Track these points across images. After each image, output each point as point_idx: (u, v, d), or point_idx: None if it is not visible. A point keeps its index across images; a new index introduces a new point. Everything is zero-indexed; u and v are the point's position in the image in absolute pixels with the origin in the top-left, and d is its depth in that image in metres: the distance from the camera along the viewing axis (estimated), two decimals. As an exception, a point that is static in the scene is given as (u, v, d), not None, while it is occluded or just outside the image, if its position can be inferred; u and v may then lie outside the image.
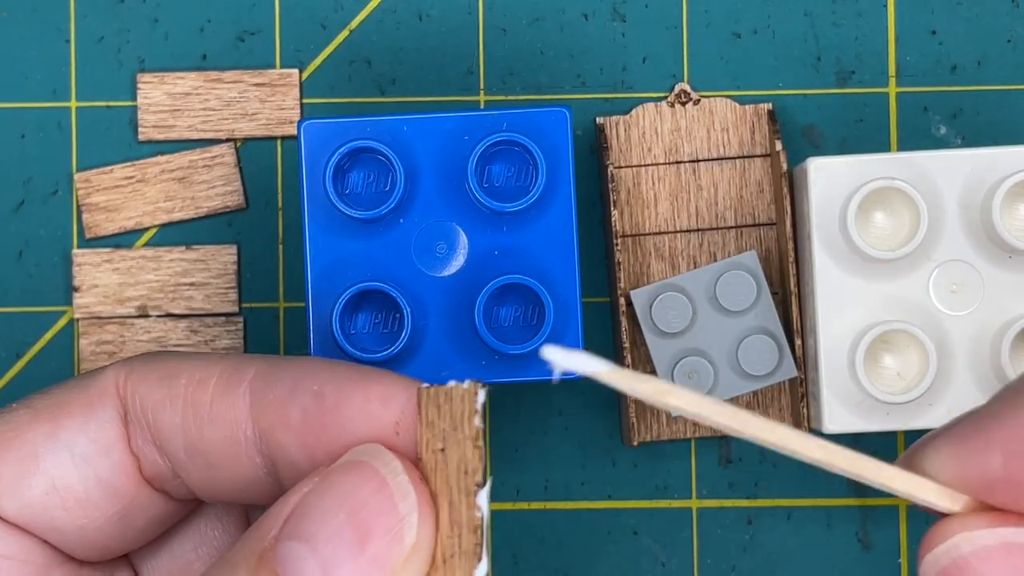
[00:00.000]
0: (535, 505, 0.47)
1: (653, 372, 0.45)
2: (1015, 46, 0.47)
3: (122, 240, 0.47)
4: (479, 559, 0.28)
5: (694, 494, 0.47)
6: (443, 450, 0.29)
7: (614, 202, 0.45)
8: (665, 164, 0.46)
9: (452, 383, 0.30)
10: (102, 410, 0.34)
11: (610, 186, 0.45)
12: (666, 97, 0.47)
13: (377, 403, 0.32)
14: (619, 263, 0.44)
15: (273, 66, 0.47)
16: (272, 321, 0.47)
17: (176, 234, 0.47)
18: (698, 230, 0.46)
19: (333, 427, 0.32)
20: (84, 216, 0.47)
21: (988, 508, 0.28)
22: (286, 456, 0.33)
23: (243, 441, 0.34)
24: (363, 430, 0.32)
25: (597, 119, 0.46)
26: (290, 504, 0.30)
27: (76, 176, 0.47)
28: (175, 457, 0.34)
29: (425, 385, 0.30)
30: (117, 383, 0.35)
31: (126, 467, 0.34)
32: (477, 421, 0.29)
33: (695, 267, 0.46)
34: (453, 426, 0.29)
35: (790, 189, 0.45)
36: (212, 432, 0.34)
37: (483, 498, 0.29)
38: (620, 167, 0.46)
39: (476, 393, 0.29)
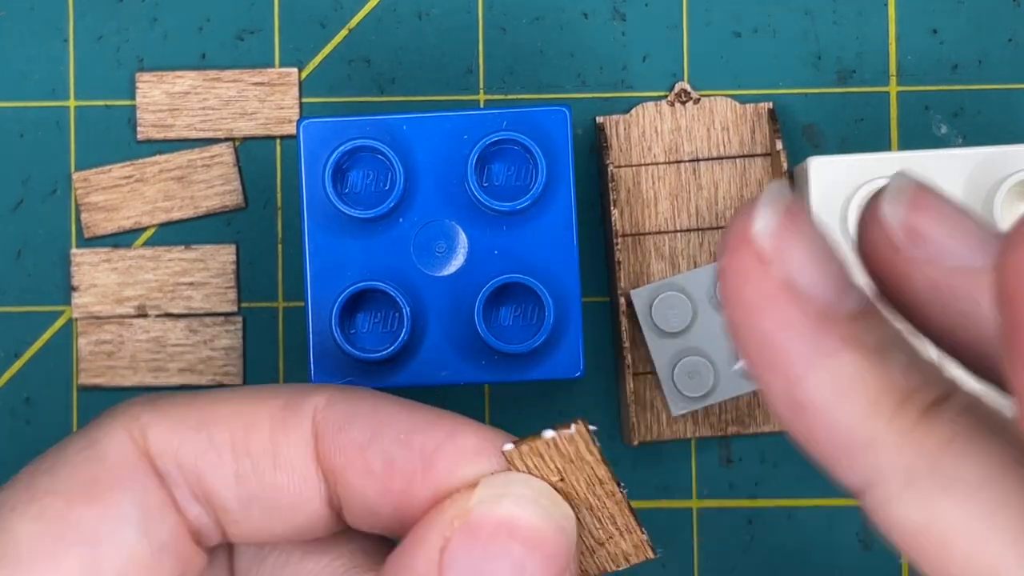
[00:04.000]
0: (535, 505, 0.47)
1: (653, 372, 0.45)
2: (1016, 45, 0.47)
3: (121, 240, 0.47)
4: (640, 526, 0.30)
5: (694, 494, 0.47)
6: (561, 479, 0.30)
7: (614, 201, 0.45)
8: (665, 163, 0.46)
9: (549, 434, 0.30)
10: (137, 477, 0.32)
11: (610, 185, 0.45)
12: (666, 96, 0.47)
13: (471, 457, 0.31)
14: (619, 263, 0.44)
15: (272, 65, 0.47)
16: (271, 321, 0.47)
17: (175, 233, 0.47)
18: (698, 229, 0.46)
19: (424, 479, 0.31)
20: (83, 215, 0.47)
21: None
22: (361, 499, 0.32)
23: (312, 483, 0.32)
24: (455, 482, 0.31)
25: (597, 118, 0.46)
26: (430, 549, 0.30)
27: (75, 175, 0.47)
28: (224, 508, 0.33)
29: (509, 447, 0.30)
30: (136, 443, 0.32)
31: (180, 528, 0.33)
32: (596, 451, 0.30)
33: (695, 266, 0.46)
34: (568, 460, 0.30)
35: (791, 189, 0.45)
36: (278, 478, 0.32)
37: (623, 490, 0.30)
38: (620, 166, 0.46)
39: (587, 430, 0.30)
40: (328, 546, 0.34)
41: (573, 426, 0.30)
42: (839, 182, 0.42)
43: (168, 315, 0.47)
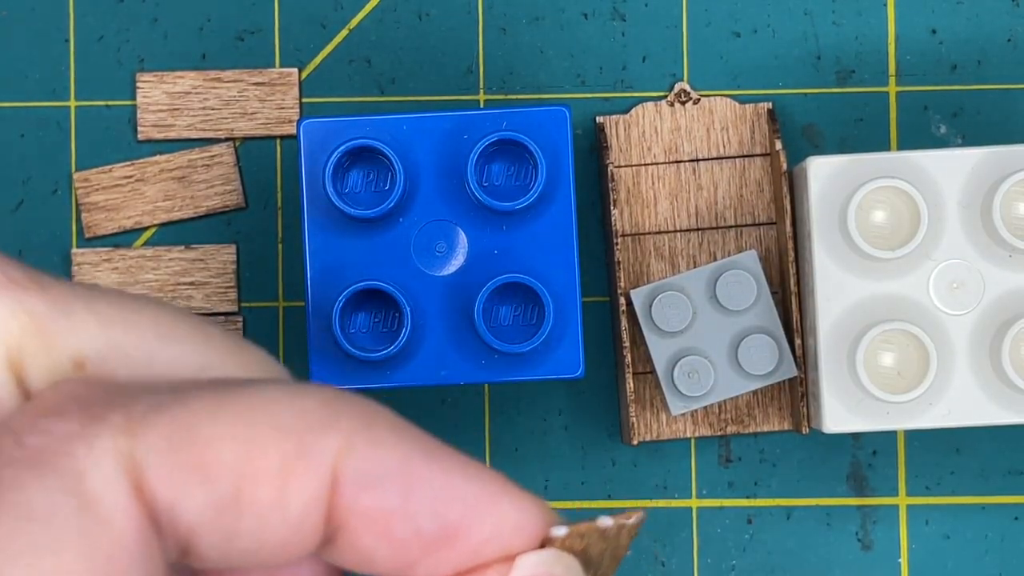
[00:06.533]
0: (535, 505, 0.47)
1: (653, 372, 0.45)
2: (1015, 45, 0.47)
3: (121, 240, 0.47)
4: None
5: (694, 494, 0.47)
6: (584, 549, 0.28)
7: (614, 201, 0.45)
8: (665, 163, 0.46)
9: (607, 522, 0.27)
10: (148, 552, 0.25)
11: (610, 185, 0.45)
12: (666, 96, 0.47)
13: (508, 535, 0.27)
14: (619, 262, 0.44)
15: (273, 65, 0.47)
16: (271, 320, 0.47)
17: (175, 233, 0.47)
18: (698, 229, 0.46)
19: (449, 552, 0.27)
20: (83, 216, 0.47)
21: None
22: (363, 555, 0.28)
23: (311, 535, 0.27)
24: (487, 554, 0.27)
25: (597, 118, 0.46)
26: None
27: (75, 175, 0.47)
28: (200, 557, 0.26)
29: (562, 531, 0.27)
30: (137, 496, 0.25)
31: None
32: (628, 546, 0.28)
33: (695, 266, 0.46)
34: (602, 538, 0.27)
35: (790, 188, 0.45)
36: (278, 532, 0.26)
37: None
38: (620, 166, 0.46)
39: (638, 524, 0.27)
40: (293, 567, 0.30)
41: (634, 516, 0.28)
42: (839, 182, 0.42)
43: (168, 315, 0.47)
